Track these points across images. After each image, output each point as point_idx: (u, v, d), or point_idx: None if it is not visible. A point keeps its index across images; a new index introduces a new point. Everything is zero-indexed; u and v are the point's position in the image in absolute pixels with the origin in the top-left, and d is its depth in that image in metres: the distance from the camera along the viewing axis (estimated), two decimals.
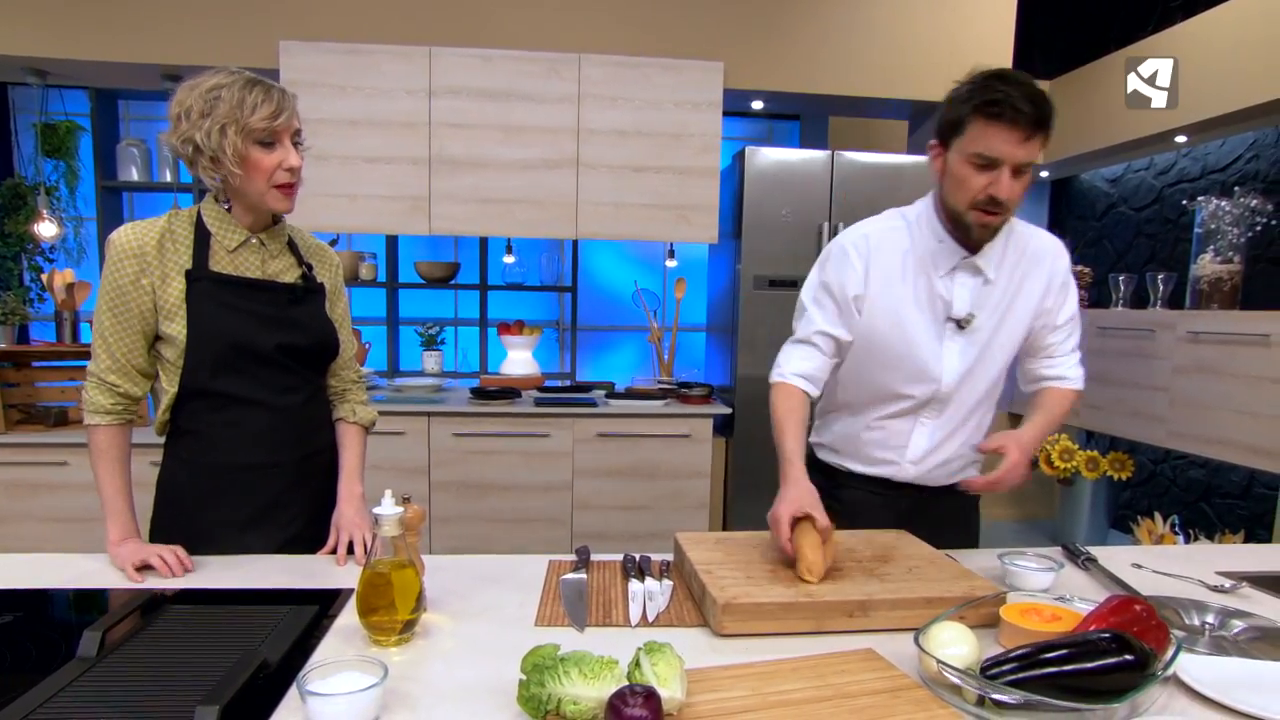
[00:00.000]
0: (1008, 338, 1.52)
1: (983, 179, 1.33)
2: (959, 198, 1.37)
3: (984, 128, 1.29)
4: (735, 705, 0.90)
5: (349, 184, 3.21)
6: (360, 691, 0.85)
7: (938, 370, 1.50)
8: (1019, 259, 1.49)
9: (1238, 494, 3.58)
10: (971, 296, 1.48)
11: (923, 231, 1.48)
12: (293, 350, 1.42)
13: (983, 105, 1.29)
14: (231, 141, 1.27)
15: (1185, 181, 3.91)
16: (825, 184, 3.27)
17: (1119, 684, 0.88)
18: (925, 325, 1.49)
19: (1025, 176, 1.34)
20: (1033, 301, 1.51)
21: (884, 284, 1.49)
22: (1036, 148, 1.31)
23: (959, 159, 1.35)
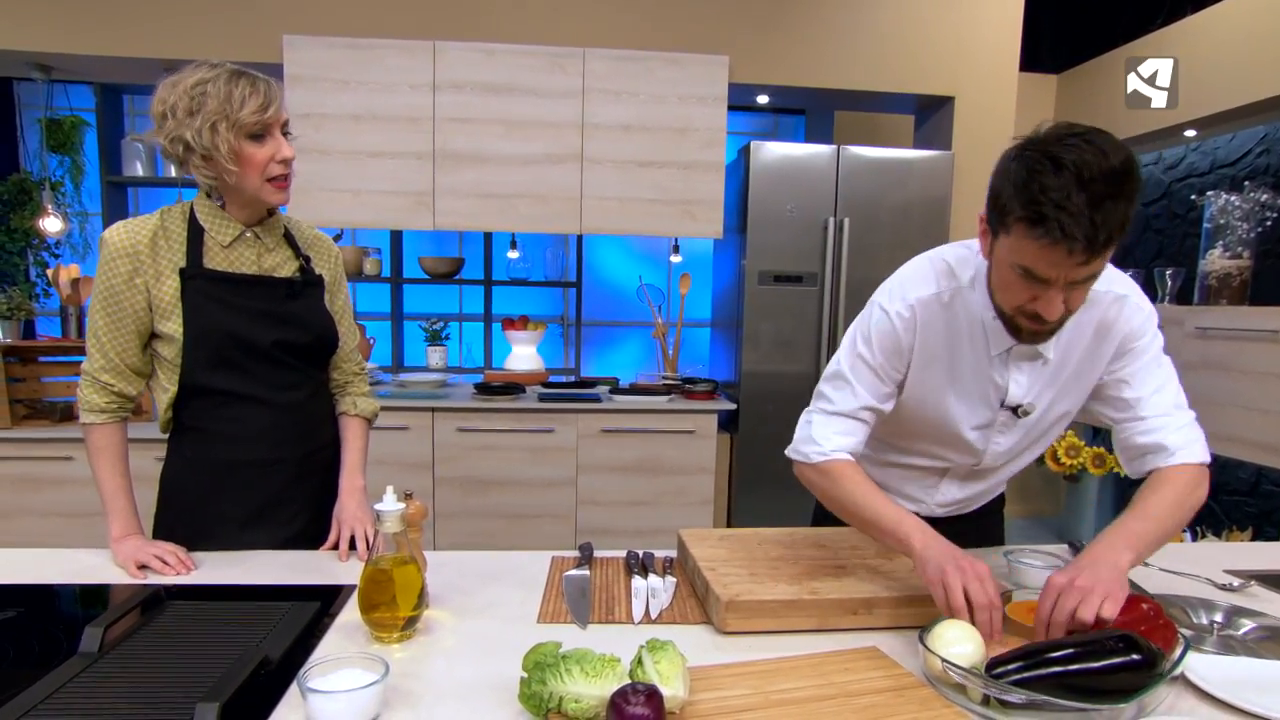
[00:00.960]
0: (1061, 410, 1.31)
1: (1028, 290, 1.06)
2: (1004, 299, 1.13)
3: (1028, 242, 1.00)
4: (738, 704, 0.89)
5: (352, 179, 3.20)
6: (361, 689, 0.85)
7: (983, 449, 1.35)
8: (1083, 327, 1.21)
9: (1245, 491, 3.56)
10: (1029, 381, 1.26)
11: (977, 299, 1.22)
12: (291, 346, 1.41)
13: (1026, 218, 0.99)
14: (224, 138, 1.25)
15: (1194, 176, 3.89)
16: (831, 179, 3.25)
17: (1126, 684, 0.88)
18: (974, 410, 1.29)
19: (1088, 286, 1.06)
20: (1096, 368, 1.25)
21: (928, 361, 1.27)
22: (1102, 262, 1.01)
23: (1004, 258, 1.07)
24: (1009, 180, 1.02)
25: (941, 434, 1.33)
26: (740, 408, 3.36)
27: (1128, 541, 1.08)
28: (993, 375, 1.25)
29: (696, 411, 3.23)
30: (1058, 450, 3.80)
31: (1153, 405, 1.24)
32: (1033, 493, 4.46)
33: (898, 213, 3.26)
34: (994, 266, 1.13)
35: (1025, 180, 0.98)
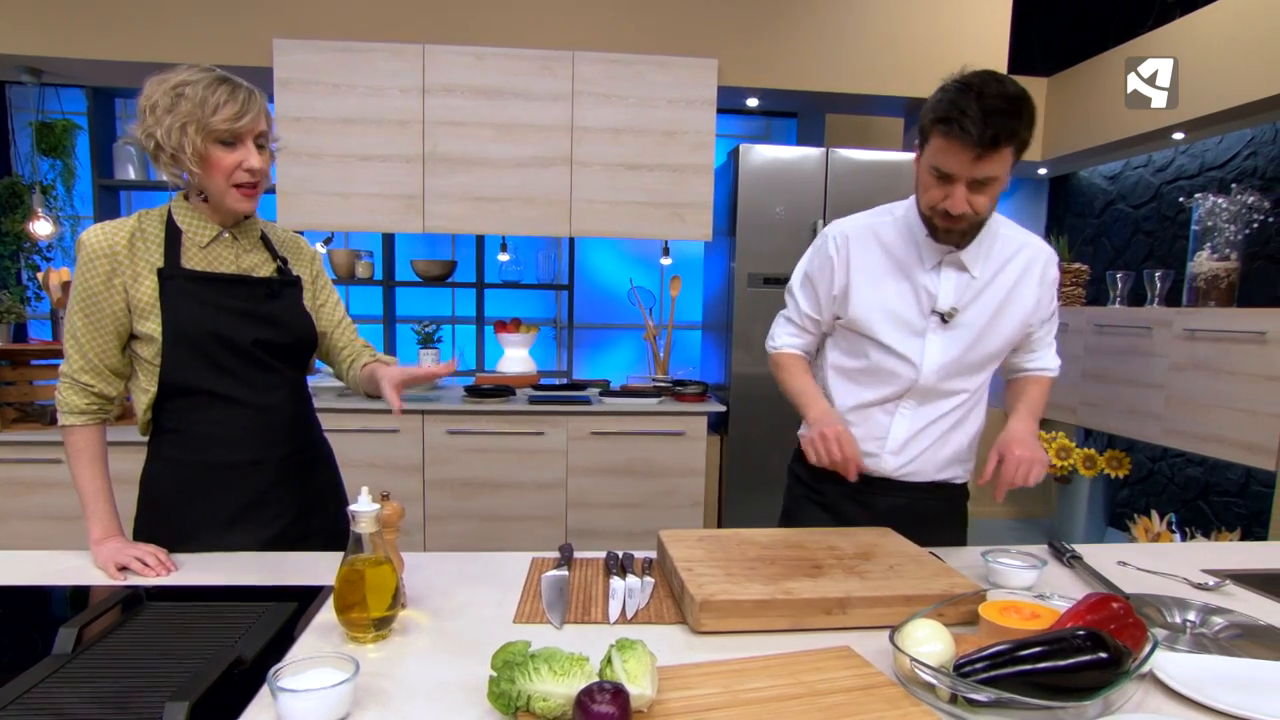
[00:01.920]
0: (997, 338, 1.52)
1: (938, 191, 1.35)
2: (923, 200, 1.42)
3: (939, 142, 1.31)
4: (706, 702, 0.90)
5: (343, 182, 3.21)
6: (329, 688, 0.85)
7: (918, 360, 1.52)
8: (1006, 262, 1.51)
9: (1235, 492, 3.56)
10: (956, 291, 1.49)
11: (910, 225, 1.50)
12: (271, 346, 1.42)
13: (938, 120, 1.29)
14: (191, 140, 1.27)
15: (1183, 179, 3.90)
16: (820, 181, 3.26)
17: (1092, 681, 0.88)
18: (908, 317, 1.51)
19: (991, 188, 1.34)
20: (1027, 306, 1.53)
21: (867, 277, 1.52)
22: (997, 164, 1.29)
23: (923, 165, 1.38)
24: (930, 103, 1.33)
25: (883, 349, 1.53)
26: (730, 410, 3.36)
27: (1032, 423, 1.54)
28: (925, 283, 1.50)
29: (686, 414, 3.23)
30: (1049, 452, 3.81)
31: (1042, 342, 1.62)
32: (1024, 495, 4.46)
33: None
34: (918, 177, 1.42)
35: (940, 98, 1.30)
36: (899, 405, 1.56)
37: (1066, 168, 4.58)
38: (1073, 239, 4.44)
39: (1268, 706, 0.90)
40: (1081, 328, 3.77)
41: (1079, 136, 4.07)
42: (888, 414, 1.57)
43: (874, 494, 1.59)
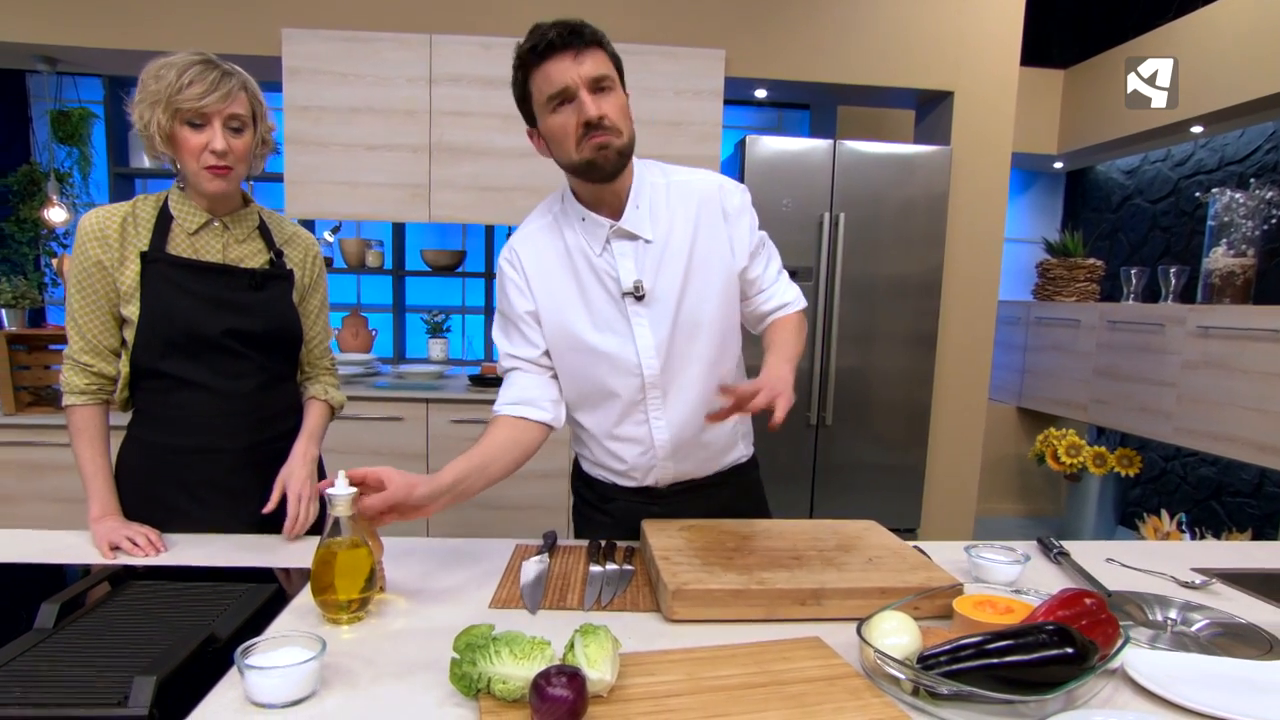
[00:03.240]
0: (702, 294, 1.38)
1: (569, 115, 1.24)
2: (568, 147, 1.27)
3: (538, 73, 1.24)
4: (666, 689, 0.90)
5: (350, 171, 3.23)
6: (293, 666, 0.87)
7: (634, 355, 1.37)
8: (674, 213, 1.37)
9: (1248, 492, 3.51)
10: (635, 264, 1.35)
11: (569, 217, 1.38)
12: (243, 335, 1.43)
13: (525, 59, 1.25)
14: (157, 119, 1.29)
15: (1202, 173, 3.83)
16: (827, 173, 3.23)
17: (1057, 676, 0.87)
18: (602, 312, 1.37)
19: (612, 95, 1.26)
20: (719, 251, 1.39)
21: (548, 286, 1.38)
22: (599, 62, 1.24)
23: (544, 118, 1.28)
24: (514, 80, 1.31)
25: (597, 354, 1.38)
26: None
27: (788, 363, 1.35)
28: (604, 269, 1.36)
29: None
30: (1058, 450, 3.77)
31: (768, 278, 1.47)
32: (1035, 493, 4.42)
33: (895, 207, 3.24)
34: (548, 135, 1.30)
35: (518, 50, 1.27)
36: (647, 409, 1.41)
37: (1083, 161, 4.52)
38: (1088, 234, 4.37)
39: (1236, 704, 0.89)
40: (1094, 324, 3.72)
41: (1096, 129, 4.01)
42: (641, 424, 1.42)
43: (664, 503, 1.49)
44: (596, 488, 1.55)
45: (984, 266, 3.53)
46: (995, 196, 3.47)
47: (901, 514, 3.48)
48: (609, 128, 1.25)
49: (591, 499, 1.57)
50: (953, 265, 3.46)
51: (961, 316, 3.54)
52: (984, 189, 3.47)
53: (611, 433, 1.45)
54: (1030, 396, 4.15)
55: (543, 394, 1.40)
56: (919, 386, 3.44)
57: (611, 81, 1.27)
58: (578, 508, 1.64)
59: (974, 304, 3.54)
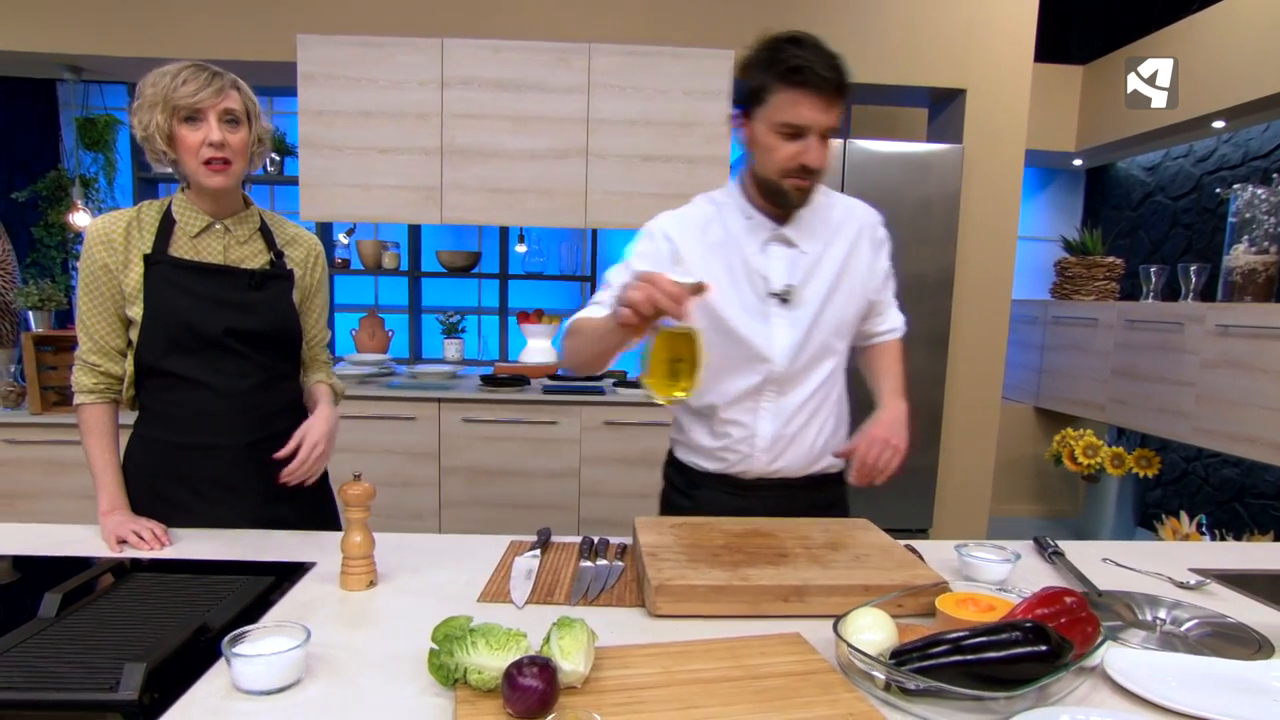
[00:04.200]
0: (842, 310, 1.49)
1: (792, 148, 1.31)
2: (770, 167, 1.35)
3: (788, 96, 1.28)
4: (641, 681, 0.91)
5: (363, 174, 3.28)
6: (278, 654, 0.89)
7: (768, 348, 1.45)
8: (835, 233, 1.47)
9: (1272, 494, 3.44)
10: (788, 268, 1.44)
11: (732, 212, 1.46)
12: (244, 334, 1.46)
13: (785, 73, 1.27)
14: (156, 120, 1.34)
15: (1226, 169, 3.76)
16: (837, 172, 3.23)
17: (1030, 673, 0.87)
18: (746, 303, 1.44)
19: (830, 141, 1.34)
20: (863, 275, 1.51)
21: (703, 265, 1.43)
22: (840, 112, 1.30)
23: (765, 129, 1.33)
24: (755, 66, 1.32)
25: (728, 342, 1.44)
26: None
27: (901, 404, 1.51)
28: (757, 268, 1.44)
29: None
30: (1075, 450, 3.72)
31: (886, 302, 1.60)
32: (1052, 493, 4.37)
33: (905, 206, 3.22)
34: (757, 144, 1.36)
35: (773, 56, 1.29)
36: (760, 401, 1.48)
37: (1103, 158, 4.45)
38: (1108, 232, 4.31)
39: (1213, 703, 0.88)
40: (1112, 323, 3.67)
41: (1115, 126, 3.95)
42: (750, 413, 1.49)
43: (749, 496, 1.53)
44: (686, 474, 1.61)
45: (997, 265, 3.49)
46: (1008, 194, 3.44)
47: (914, 514, 3.46)
48: (815, 173, 1.34)
49: (680, 485, 1.63)
50: (965, 264, 3.44)
51: (974, 316, 3.51)
52: (997, 187, 3.44)
53: (720, 415, 1.51)
54: (1048, 396, 4.10)
55: None
56: (932, 386, 3.42)
57: (837, 130, 1.34)
58: (665, 494, 1.70)
59: (987, 303, 3.51)
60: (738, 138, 1.42)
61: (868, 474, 1.40)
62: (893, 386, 1.55)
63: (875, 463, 1.38)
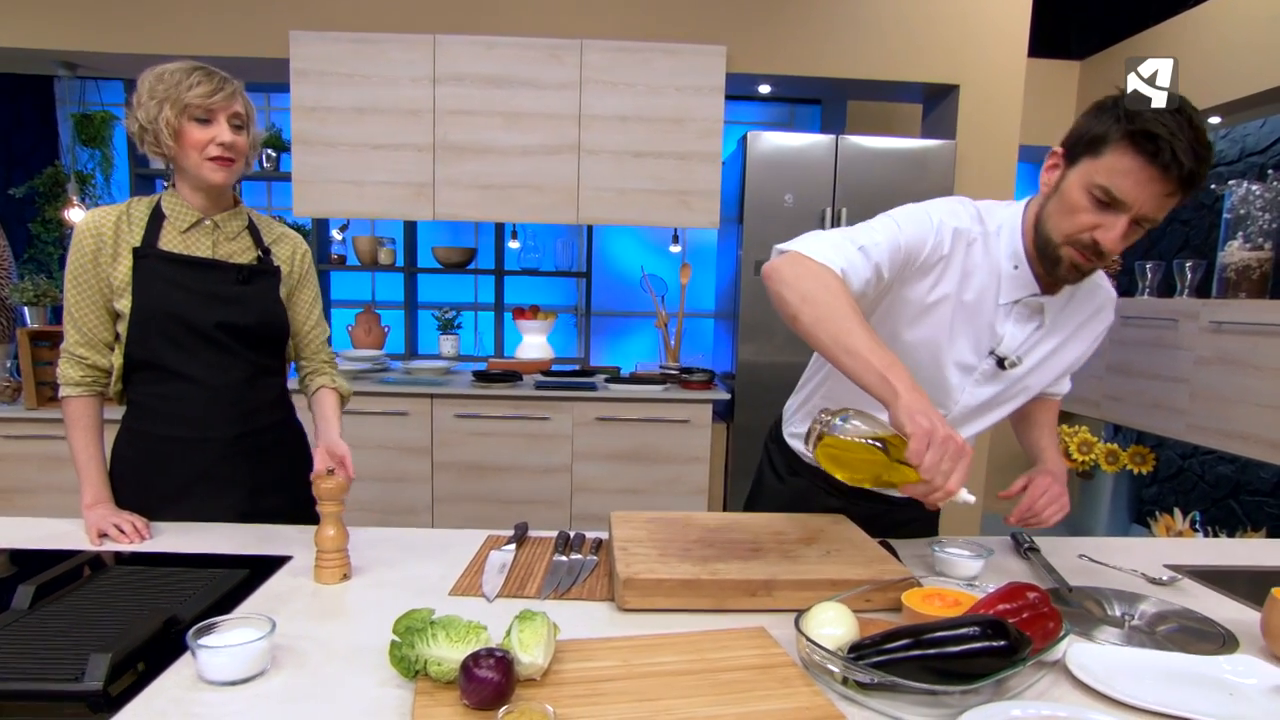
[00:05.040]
0: (1037, 381, 1.37)
1: (1094, 217, 1.12)
2: (1060, 225, 1.17)
3: (1126, 160, 1.07)
4: (600, 674, 0.92)
5: (356, 170, 3.29)
6: (241, 645, 0.90)
7: (950, 401, 1.36)
8: (1079, 309, 1.33)
9: (1267, 491, 3.43)
10: (1024, 339, 1.31)
11: (1000, 248, 1.26)
12: (233, 328, 1.48)
13: (1138, 135, 1.06)
14: (165, 116, 1.38)
15: (1223, 165, 3.75)
16: (829, 169, 3.22)
17: (987, 668, 0.88)
18: (958, 348, 1.31)
19: (1143, 231, 1.14)
20: (1079, 353, 1.38)
21: (940, 290, 1.27)
22: (1176, 203, 1.11)
23: (1079, 182, 1.13)
24: (1108, 112, 1.11)
25: (923, 372, 1.30)
26: (735, 397, 3.36)
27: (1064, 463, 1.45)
28: (992, 323, 1.29)
29: (691, 401, 3.24)
30: (1069, 447, 3.71)
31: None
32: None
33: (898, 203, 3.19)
34: (1060, 194, 1.17)
35: (1137, 108, 1.08)
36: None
37: None
38: None
39: (1170, 698, 0.88)
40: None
41: None
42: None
43: (845, 499, 1.47)
44: (789, 457, 1.56)
45: None
46: (1002, 191, 3.43)
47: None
48: (1103, 256, 1.16)
49: (779, 465, 1.58)
50: None
51: None
52: (990, 183, 3.43)
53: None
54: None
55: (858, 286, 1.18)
56: None
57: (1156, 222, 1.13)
58: (761, 470, 1.64)
59: None
60: (1044, 176, 1.22)
61: (1029, 519, 1.33)
62: (1054, 443, 1.48)
63: (1040, 512, 1.32)
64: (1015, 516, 1.33)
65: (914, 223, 1.24)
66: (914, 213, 1.26)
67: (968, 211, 1.28)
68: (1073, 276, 1.22)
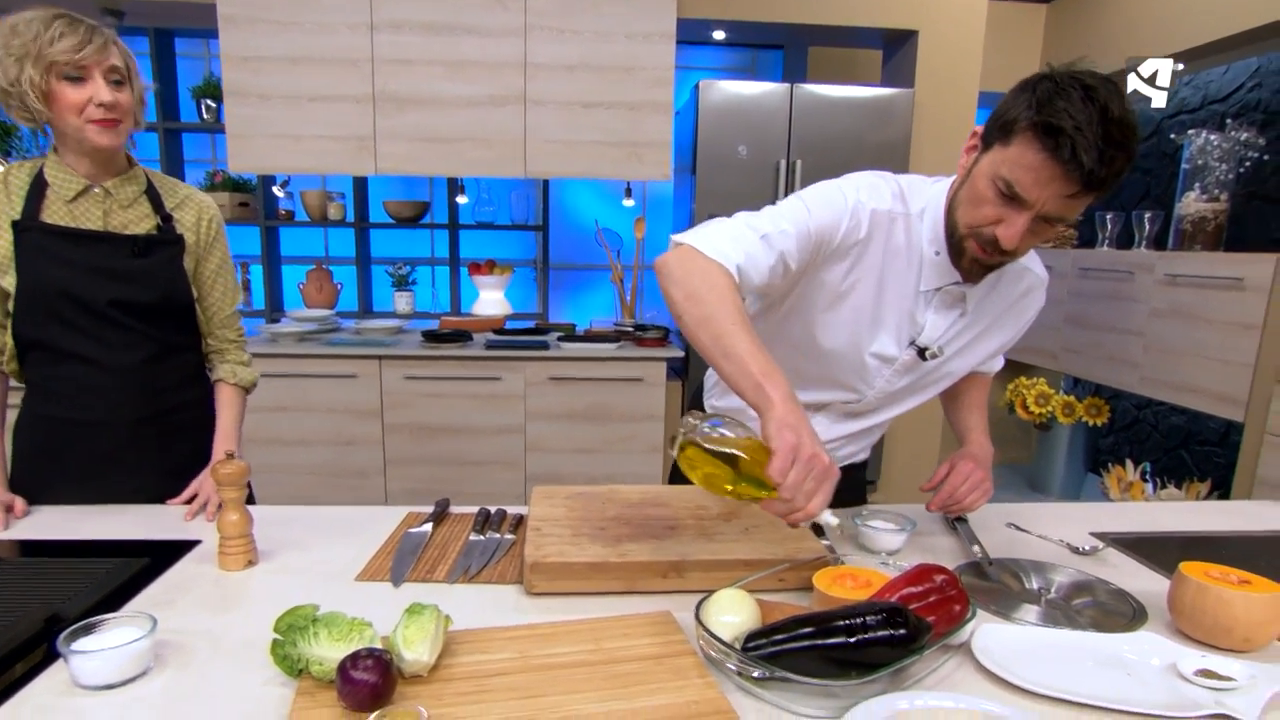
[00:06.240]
0: (958, 368, 1.34)
1: (997, 210, 1.06)
2: (965, 215, 1.11)
3: (1030, 154, 0.99)
4: (492, 668, 0.89)
5: (292, 124, 3.15)
6: (115, 649, 0.86)
7: (868, 388, 1.32)
8: (1004, 296, 1.28)
9: (1215, 441, 3.48)
10: (945, 329, 1.26)
11: (922, 231, 1.20)
12: (131, 306, 1.40)
13: (1042, 127, 0.97)
14: (29, 76, 1.24)
15: (1185, 112, 3.70)
16: (784, 118, 3.13)
17: (885, 658, 0.86)
18: (884, 342, 1.26)
19: (1052, 229, 1.08)
20: (1005, 338, 1.34)
21: (857, 275, 1.21)
22: (1082, 205, 1.03)
23: (987, 170, 1.06)
24: (1031, 94, 1.01)
25: (839, 359, 1.27)
26: (690, 354, 3.32)
27: (990, 444, 1.38)
28: (913, 311, 1.24)
29: (644, 359, 3.20)
30: (1027, 399, 3.74)
31: None
32: (1007, 441, 4.40)
33: (855, 153, 3.14)
34: (970, 181, 1.10)
35: (1051, 96, 0.98)
36: (820, 412, 1.37)
37: None
38: None
39: (1068, 682, 0.87)
40: (1066, 271, 3.64)
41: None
42: (812, 411, 1.37)
43: None
44: None
45: None
46: (960, 140, 3.36)
47: None
48: (1006, 255, 1.11)
49: None
50: None
51: None
52: (949, 132, 3.36)
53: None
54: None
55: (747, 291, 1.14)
56: None
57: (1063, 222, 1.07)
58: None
59: None
60: (961, 157, 1.15)
61: (950, 506, 1.29)
62: (982, 424, 1.41)
63: (962, 499, 1.27)
64: (936, 504, 1.30)
65: (826, 205, 1.16)
66: (827, 193, 1.18)
67: (890, 189, 1.20)
68: (976, 270, 1.16)
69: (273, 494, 3.12)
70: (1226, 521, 1.48)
